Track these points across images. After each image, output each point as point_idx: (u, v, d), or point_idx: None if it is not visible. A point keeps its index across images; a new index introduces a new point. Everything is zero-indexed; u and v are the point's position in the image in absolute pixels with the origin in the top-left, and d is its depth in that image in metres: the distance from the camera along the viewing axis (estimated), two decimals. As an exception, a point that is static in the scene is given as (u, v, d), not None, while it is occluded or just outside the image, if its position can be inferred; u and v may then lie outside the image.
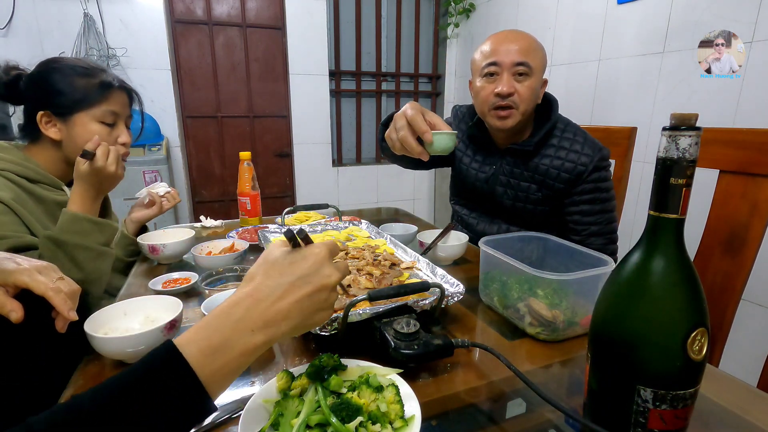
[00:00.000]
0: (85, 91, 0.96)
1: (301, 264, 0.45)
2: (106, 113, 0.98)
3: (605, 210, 1.16)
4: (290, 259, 0.46)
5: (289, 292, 0.44)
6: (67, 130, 0.96)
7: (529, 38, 1.12)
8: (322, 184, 3.13)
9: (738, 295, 0.97)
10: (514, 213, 1.26)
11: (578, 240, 1.17)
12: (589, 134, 1.18)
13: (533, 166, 1.18)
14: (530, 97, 1.11)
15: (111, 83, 0.99)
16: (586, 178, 1.13)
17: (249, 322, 0.41)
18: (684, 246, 0.43)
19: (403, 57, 3.28)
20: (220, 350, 0.39)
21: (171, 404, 0.36)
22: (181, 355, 0.37)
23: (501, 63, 1.09)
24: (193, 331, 0.40)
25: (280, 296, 0.43)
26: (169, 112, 2.57)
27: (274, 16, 2.81)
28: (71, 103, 0.95)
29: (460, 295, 0.78)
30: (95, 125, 0.97)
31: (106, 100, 0.98)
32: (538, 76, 1.11)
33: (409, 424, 0.49)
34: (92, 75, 0.98)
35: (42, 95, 0.95)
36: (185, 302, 0.76)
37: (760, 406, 0.58)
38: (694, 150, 0.41)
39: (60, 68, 0.96)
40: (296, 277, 0.44)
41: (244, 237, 1.26)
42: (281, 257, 0.46)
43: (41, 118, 0.95)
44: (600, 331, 0.48)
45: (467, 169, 1.31)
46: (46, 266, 0.60)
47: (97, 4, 2.28)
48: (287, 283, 0.44)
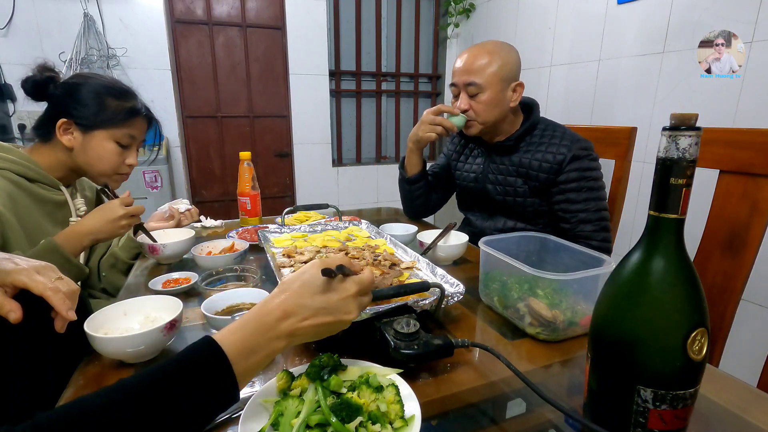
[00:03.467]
0: (113, 113, 1.00)
1: (330, 296, 0.51)
2: (125, 136, 1.03)
3: (592, 198, 1.19)
4: (323, 288, 0.51)
5: (314, 317, 0.50)
6: (84, 142, 1.00)
7: (482, 54, 1.19)
8: (322, 184, 3.13)
9: (738, 295, 0.97)
10: (507, 207, 1.31)
11: (568, 228, 1.21)
12: (570, 130, 1.24)
13: (516, 160, 1.25)
14: (486, 110, 1.22)
15: (139, 110, 1.04)
16: (566, 166, 1.18)
17: (277, 331, 0.48)
18: (684, 246, 0.43)
19: (403, 57, 3.28)
20: (253, 351, 0.46)
21: (209, 392, 0.42)
22: (223, 351, 0.43)
23: (457, 84, 1.24)
24: (231, 332, 0.46)
25: (305, 317, 0.49)
26: (169, 112, 2.57)
27: (274, 16, 2.81)
28: (97, 119, 0.99)
29: (460, 295, 0.78)
30: (111, 144, 1.02)
31: (130, 125, 1.03)
32: (493, 89, 1.19)
33: (409, 424, 0.49)
34: (125, 99, 1.02)
35: (71, 104, 0.98)
36: (185, 302, 0.75)
37: (760, 406, 0.58)
38: (694, 150, 0.41)
39: (94, 84, 1.00)
40: (322, 306, 0.50)
41: (244, 237, 1.26)
42: (316, 283, 0.51)
43: (62, 124, 0.97)
44: (600, 331, 0.48)
45: (460, 172, 1.42)
46: (45, 266, 0.60)
47: (97, 4, 2.28)
48: (314, 309, 0.50)
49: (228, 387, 0.43)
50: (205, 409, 0.42)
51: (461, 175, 1.41)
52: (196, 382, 0.41)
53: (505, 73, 1.19)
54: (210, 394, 0.42)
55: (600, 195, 1.21)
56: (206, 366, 0.42)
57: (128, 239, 1.14)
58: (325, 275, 0.51)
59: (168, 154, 2.49)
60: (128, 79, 2.42)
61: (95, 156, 1.01)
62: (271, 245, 1.09)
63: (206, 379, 0.42)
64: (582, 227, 1.19)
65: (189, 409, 0.41)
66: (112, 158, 1.03)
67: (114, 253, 1.14)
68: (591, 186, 1.19)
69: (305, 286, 0.50)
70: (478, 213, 1.41)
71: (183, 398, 0.40)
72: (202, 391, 0.41)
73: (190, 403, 0.41)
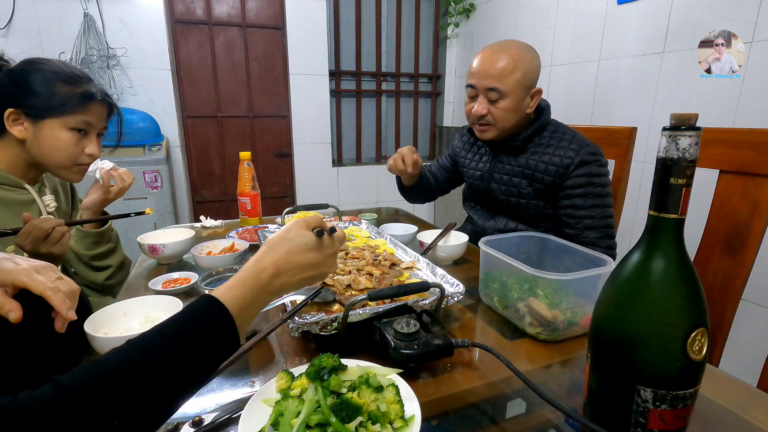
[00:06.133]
0: (63, 98, 0.92)
1: (317, 253, 0.57)
2: (79, 122, 0.95)
3: (598, 204, 1.17)
4: (312, 246, 0.56)
5: (303, 272, 0.55)
6: (35, 132, 0.93)
7: (506, 59, 1.13)
8: (322, 184, 3.13)
9: (738, 295, 0.97)
10: (510, 208, 1.30)
11: (572, 233, 1.19)
12: (580, 134, 1.21)
13: (523, 162, 1.23)
14: (505, 117, 1.18)
15: (93, 95, 0.96)
16: (574, 171, 1.15)
17: (271, 287, 0.53)
18: (684, 246, 0.43)
19: (403, 57, 3.28)
20: (249, 306, 0.51)
21: (216, 344, 0.46)
22: (225, 307, 0.48)
23: (476, 86, 1.18)
24: (231, 289, 0.50)
25: (294, 273, 0.55)
26: (169, 112, 2.57)
27: (274, 16, 2.81)
28: (45, 107, 0.91)
29: (460, 295, 0.78)
30: (64, 133, 0.94)
31: (84, 111, 0.95)
32: (514, 96, 1.15)
33: (409, 424, 0.49)
34: (75, 83, 0.94)
35: (17, 93, 0.91)
36: (185, 302, 0.75)
37: (760, 406, 0.58)
38: (694, 150, 0.41)
39: (43, 70, 0.93)
40: (311, 262, 0.56)
41: (244, 237, 1.26)
42: (305, 240, 0.56)
43: (9, 115, 0.91)
44: (600, 331, 0.48)
45: (467, 169, 1.40)
46: (45, 266, 0.60)
47: (97, 4, 2.28)
48: (303, 265, 0.55)
49: (232, 338, 0.48)
50: (214, 360, 0.47)
51: (467, 172, 1.40)
52: (206, 337, 0.46)
53: (527, 82, 1.16)
54: (218, 346, 0.47)
55: (606, 201, 1.18)
56: (213, 321, 0.47)
57: (77, 229, 1.07)
58: (319, 236, 0.57)
59: (168, 154, 2.49)
60: (128, 79, 2.43)
61: (49, 147, 0.93)
62: (271, 245, 1.09)
63: (214, 334, 0.46)
64: (587, 233, 1.17)
65: (201, 361, 0.45)
66: (68, 148, 0.95)
67: (71, 247, 1.06)
68: (598, 192, 1.16)
69: (294, 244, 0.55)
70: (481, 211, 1.41)
71: (195, 351, 0.45)
72: (211, 344, 0.46)
73: (202, 356, 0.45)
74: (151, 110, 2.47)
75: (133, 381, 0.40)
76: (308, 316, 0.68)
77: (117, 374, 0.40)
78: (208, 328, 0.46)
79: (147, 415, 0.42)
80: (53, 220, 0.85)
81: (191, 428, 0.53)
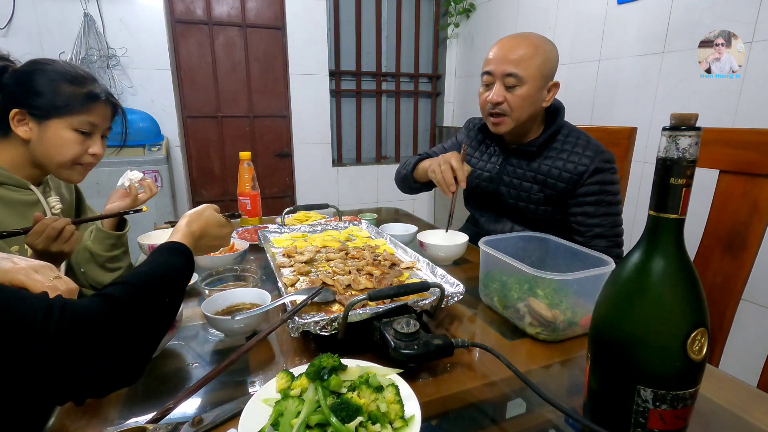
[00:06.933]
0: (68, 99, 0.93)
1: (224, 228, 0.80)
2: (84, 123, 0.95)
3: (610, 213, 1.15)
4: (222, 223, 0.79)
5: (214, 239, 0.77)
6: (39, 132, 0.93)
7: (526, 46, 1.11)
8: (322, 184, 3.13)
9: (738, 295, 0.97)
10: (518, 212, 1.27)
11: (581, 241, 1.16)
12: (593, 138, 1.19)
13: (536, 167, 1.20)
14: (522, 106, 1.14)
15: (98, 95, 0.96)
16: (588, 179, 1.13)
17: (196, 244, 0.73)
18: (684, 246, 0.43)
19: (403, 57, 3.28)
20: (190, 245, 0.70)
21: (185, 268, 0.65)
22: (187, 247, 0.68)
23: (494, 73, 1.14)
24: (176, 238, 0.69)
25: (211, 238, 0.77)
26: (169, 112, 2.57)
27: (274, 16, 2.81)
28: (50, 107, 0.92)
29: (460, 295, 0.78)
30: (69, 133, 0.95)
31: (88, 111, 0.96)
32: (533, 84, 1.12)
33: (409, 424, 0.49)
34: (80, 84, 0.95)
35: (22, 93, 0.92)
36: (185, 302, 0.76)
37: (760, 406, 0.58)
38: (694, 150, 0.41)
39: (48, 71, 0.93)
40: (219, 235, 0.78)
41: (244, 237, 1.26)
42: (217, 218, 0.78)
43: (14, 115, 0.91)
44: (600, 331, 0.48)
45: (474, 169, 1.35)
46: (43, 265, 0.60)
47: (97, 4, 2.28)
48: (214, 236, 0.77)
49: (191, 263, 0.67)
50: (183, 280, 0.65)
51: (473, 172, 1.33)
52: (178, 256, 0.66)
53: (546, 70, 1.13)
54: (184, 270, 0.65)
55: (617, 210, 1.17)
56: (180, 254, 0.66)
57: (98, 230, 1.08)
58: (230, 217, 0.86)
59: (168, 154, 2.49)
60: (128, 79, 2.43)
61: (52, 147, 0.93)
62: (271, 245, 1.09)
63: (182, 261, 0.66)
64: (596, 242, 1.16)
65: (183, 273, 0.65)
66: (71, 147, 0.95)
67: (87, 247, 1.08)
68: (610, 201, 1.15)
69: (210, 220, 0.76)
70: (486, 214, 1.37)
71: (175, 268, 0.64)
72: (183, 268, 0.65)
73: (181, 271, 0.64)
74: (151, 110, 2.47)
75: (150, 292, 0.57)
76: (308, 316, 0.68)
77: (143, 288, 0.56)
78: (176, 252, 0.66)
79: (166, 314, 0.59)
80: (64, 218, 0.87)
81: (191, 428, 0.53)
